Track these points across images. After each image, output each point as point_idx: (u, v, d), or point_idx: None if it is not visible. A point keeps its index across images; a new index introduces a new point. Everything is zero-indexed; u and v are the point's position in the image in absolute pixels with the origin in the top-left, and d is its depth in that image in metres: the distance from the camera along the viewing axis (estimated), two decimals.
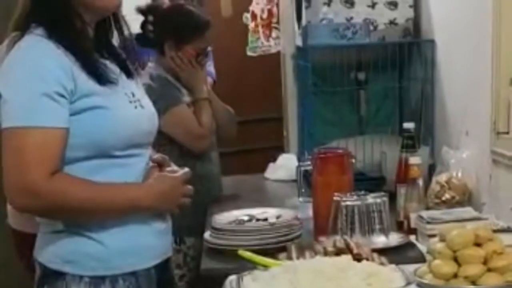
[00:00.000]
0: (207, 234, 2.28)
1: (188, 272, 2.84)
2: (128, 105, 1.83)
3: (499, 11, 2.27)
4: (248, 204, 2.54)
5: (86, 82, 1.75)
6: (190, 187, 1.93)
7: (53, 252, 1.81)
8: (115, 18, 1.91)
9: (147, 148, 1.91)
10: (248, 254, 1.84)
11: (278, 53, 4.44)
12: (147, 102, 1.93)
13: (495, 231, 1.81)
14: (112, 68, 1.86)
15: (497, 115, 2.30)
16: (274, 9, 5.37)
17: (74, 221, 1.78)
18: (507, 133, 2.28)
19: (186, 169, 1.95)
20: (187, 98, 2.88)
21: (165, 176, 1.90)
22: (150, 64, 2.93)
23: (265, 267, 1.75)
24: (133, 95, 1.86)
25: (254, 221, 2.26)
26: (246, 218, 2.28)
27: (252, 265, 1.77)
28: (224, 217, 2.31)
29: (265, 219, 2.25)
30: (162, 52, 2.87)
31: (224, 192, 2.99)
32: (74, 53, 1.76)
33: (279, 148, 3.85)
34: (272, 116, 4.82)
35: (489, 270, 1.64)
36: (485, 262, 1.65)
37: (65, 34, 1.76)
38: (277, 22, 5.14)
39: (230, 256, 2.08)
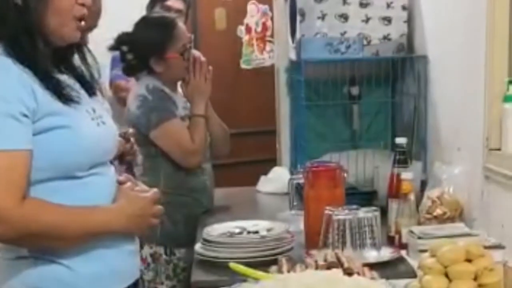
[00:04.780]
0: (198, 246, 2.28)
1: (178, 283, 2.84)
2: (91, 123, 1.77)
3: (492, 28, 2.28)
4: (239, 216, 2.53)
5: (48, 101, 1.69)
6: (160, 207, 1.88)
7: (19, 279, 1.73)
8: (78, 47, 1.85)
9: (110, 165, 1.86)
10: (238, 267, 1.83)
11: (272, 66, 4.45)
12: (108, 118, 1.87)
13: (486, 247, 1.81)
14: (71, 84, 1.80)
15: (490, 132, 2.31)
16: (269, 23, 5.41)
17: (44, 247, 1.72)
18: (499, 149, 2.29)
19: (155, 189, 1.90)
20: (182, 112, 2.87)
21: (136, 197, 1.84)
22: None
23: (256, 280, 1.74)
24: (94, 111, 1.80)
25: (245, 233, 2.26)
26: (237, 230, 2.28)
27: (243, 278, 1.76)
28: (215, 229, 2.30)
29: (256, 232, 2.25)
30: (151, 71, 2.86)
31: (215, 204, 2.98)
32: (35, 71, 1.69)
33: (272, 161, 3.84)
34: (265, 129, 4.82)
35: (479, 286, 1.64)
36: (475, 278, 1.65)
37: (25, 52, 1.69)
38: (272, 36, 5.17)
39: (220, 268, 2.07)
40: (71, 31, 1.76)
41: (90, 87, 1.86)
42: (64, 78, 1.80)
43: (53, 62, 1.79)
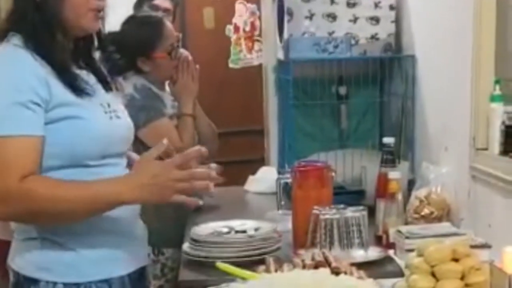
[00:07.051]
0: (185, 246, 2.27)
1: (166, 283, 2.83)
2: (103, 116, 1.83)
3: (479, 28, 2.29)
4: (227, 216, 2.53)
5: (61, 92, 1.76)
6: (187, 171, 1.73)
7: (27, 259, 1.81)
8: (98, 36, 1.92)
9: (122, 157, 1.91)
10: (226, 266, 1.83)
11: (260, 65, 4.46)
12: (123, 113, 1.94)
13: (472, 246, 1.82)
14: (88, 78, 1.87)
15: (476, 131, 2.32)
16: (257, 22, 5.41)
17: (54, 224, 1.76)
18: (486, 149, 2.30)
19: (186, 151, 1.77)
20: (170, 110, 2.87)
21: (147, 165, 1.76)
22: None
23: (243, 279, 1.74)
24: (109, 105, 1.86)
25: (233, 233, 2.25)
26: (225, 230, 2.27)
27: (230, 278, 1.76)
28: (203, 229, 2.30)
29: (244, 231, 2.25)
30: (139, 71, 2.85)
31: (204, 204, 2.97)
32: (50, 63, 1.76)
33: (260, 161, 3.85)
34: (253, 129, 4.83)
35: (466, 285, 1.65)
36: (462, 278, 1.65)
37: (43, 45, 1.77)
38: (260, 35, 5.17)
39: (208, 268, 2.07)
40: (89, 21, 1.83)
41: (106, 82, 1.93)
42: (81, 72, 1.86)
43: (73, 57, 1.86)
